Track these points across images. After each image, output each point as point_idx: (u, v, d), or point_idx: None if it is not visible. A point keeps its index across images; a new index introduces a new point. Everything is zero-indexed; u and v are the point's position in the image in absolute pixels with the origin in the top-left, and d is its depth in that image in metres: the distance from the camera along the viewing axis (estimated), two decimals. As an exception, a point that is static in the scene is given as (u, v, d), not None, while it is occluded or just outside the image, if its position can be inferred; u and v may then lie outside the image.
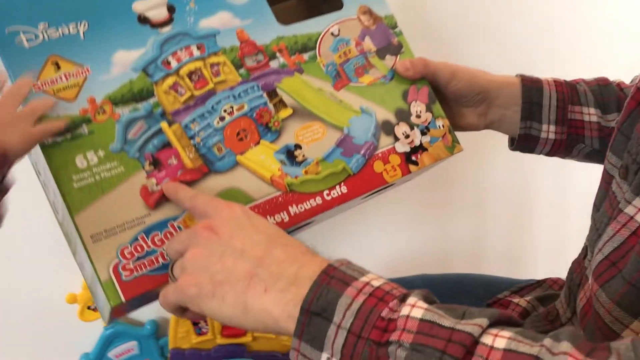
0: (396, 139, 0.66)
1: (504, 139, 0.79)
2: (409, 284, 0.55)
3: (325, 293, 0.41)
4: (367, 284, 0.42)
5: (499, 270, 0.84)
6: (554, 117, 0.71)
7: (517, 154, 0.77)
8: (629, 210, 0.50)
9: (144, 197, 0.55)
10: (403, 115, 0.67)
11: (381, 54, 0.70)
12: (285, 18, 0.66)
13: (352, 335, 0.40)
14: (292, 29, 0.66)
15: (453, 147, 0.69)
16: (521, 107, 0.72)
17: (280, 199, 0.59)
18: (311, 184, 0.61)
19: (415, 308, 0.39)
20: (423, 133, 0.68)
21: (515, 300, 0.71)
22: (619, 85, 0.74)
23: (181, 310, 0.49)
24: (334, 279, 0.42)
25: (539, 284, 0.74)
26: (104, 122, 0.56)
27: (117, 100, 0.57)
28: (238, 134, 0.60)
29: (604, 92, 0.72)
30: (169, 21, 0.62)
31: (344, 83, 0.66)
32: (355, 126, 0.65)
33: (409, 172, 0.65)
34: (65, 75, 0.57)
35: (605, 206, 0.56)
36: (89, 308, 1.17)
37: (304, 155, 0.61)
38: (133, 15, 0.60)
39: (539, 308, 0.68)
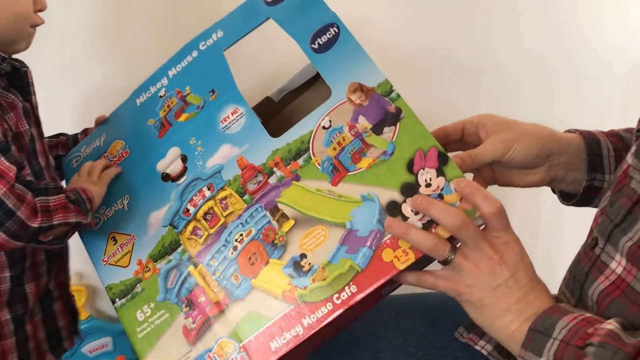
0: (405, 218, 0.64)
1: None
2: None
3: (548, 319, 0.58)
4: (582, 314, 0.57)
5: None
6: (614, 166, 0.74)
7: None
8: None
9: (185, 335, 0.68)
10: (410, 190, 0.65)
11: (378, 129, 0.67)
12: (278, 129, 0.70)
13: (563, 343, 0.56)
14: (285, 137, 0.69)
15: (474, 209, 0.64)
16: (586, 161, 0.74)
17: (293, 312, 0.65)
18: (319, 291, 0.65)
19: (610, 325, 0.55)
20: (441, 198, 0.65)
21: None
22: None
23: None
24: (557, 312, 0.58)
25: None
26: (150, 279, 0.70)
27: (156, 256, 0.70)
28: (249, 258, 0.68)
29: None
30: (184, 171, 0.72)
31: (341, 176, 0.67)
32: (358, 218, 0.66)
33: (423, 252, 0.64)
34: (120, 247, 0.72)
35: (622, 201, 0.61)
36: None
37: (310, 264, 0.66)
38: (158, 175, 0.72)
39: None
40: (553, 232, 1.35)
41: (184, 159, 0.72)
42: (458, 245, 0.63)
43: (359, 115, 0.68)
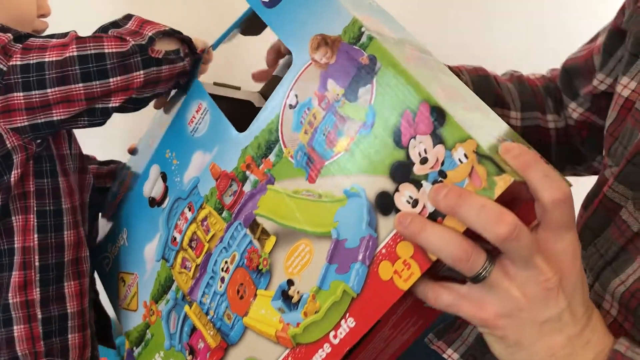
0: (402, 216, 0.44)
1: None
2: None
3: None
4: None
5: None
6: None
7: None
8: None
9: None
10: (402, 172, 0.44)
11: (352, 93, 0.47)
12: (242, 120, 0.54)
13: None
14: (253, 129, 0.53)
15: (492, 184, 0.41)
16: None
17: (289, 358, 0.49)
18: (314, 327, 0.48)
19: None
20: (444, 177, 0.43)
21: None
22: (496, 79, 0.74)
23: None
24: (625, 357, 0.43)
25: None
26: (156, 323, 0.60)
27: (156, 297, 0.60)
28: (238, 291, 0.53)
29: (482, 84, 0.72)
30: (166, 192, 0.60)
31: (318, 168, 0.49)
32: (344, 222, 0.47)
33: (431, 261, 0.43)
34: (128, 288, 0.63)
35: (612, 233, 0.55)
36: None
37: (298, 292, 0.49)
38: (146, 201, 0.61)
39: None
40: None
41: (164, 177, 0.60)
42: (496, 255, 0.42)
43: (327, 80, 0.49)
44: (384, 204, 0.45)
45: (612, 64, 0.67)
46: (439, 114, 0.43)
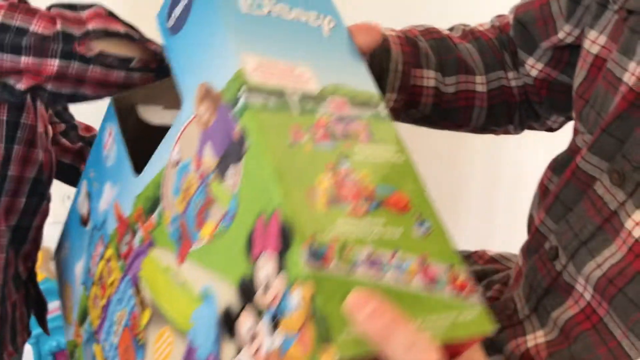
0: (239, 347, 0.34)
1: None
2: None
3: None
4: None
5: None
6: (399, 84, 0.61)
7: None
8: (629, 224, 0.47)
9: None
10: (247, 293, 0.34)
11: (222, 170, 0.36)
12: (141, 161, 0.45)
13: None
14: (145, 176, 0.44)
15: (315, 356, 0.29)
16: None
17: None
18: None
19: None
20: (274, 325, 0.32)
21: None
22: (452, 40, 0.66)
23: None
24: None
25: (465, 258, 0.68)
26: (81, 346, 0.56)
27: (79, 321, 0.55)
28: (125, 352, 0.47)
29: (442, 50, 0.64)
30: (89, 213, 0.54)
31: (186, 248, 0.39)
32: (198, 327, 0.38)
33: None
34: (67, 298, 0.59)
35: (587, 210, 0.51)
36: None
37: None
38: (79, 216, 0.56)
39: (487, 293, 0.62)
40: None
41: (89, 196, 0.54)
42: None
43: (205, 143, 0.38)
44: (229, 324, 0.35)
45: (579, 12, 0.59)
46: (289, 231, 0.32)
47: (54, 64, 0.51)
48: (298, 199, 0.32)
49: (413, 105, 0.64)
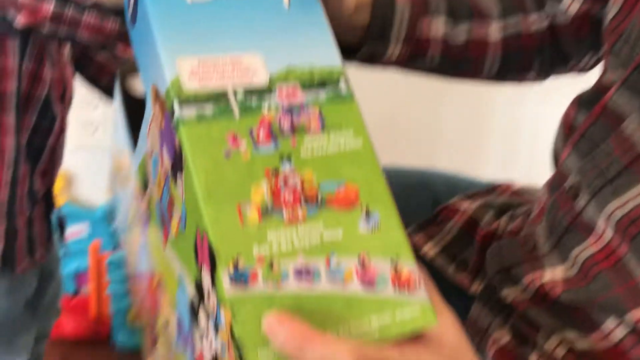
0: (201, 335, 0.38)
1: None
2: None
3: None
4: None
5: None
6: (404, 35, 0.59)
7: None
8: None
9: None
10: (200, 292, 0.37)
11: (174, 173, 0.38)
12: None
13: None
14: (138, 153, 0.47)
15: None
16: (369, 26, 0.58)
17: None
18: None
19: None
20: (216, 330, 0.35)
21: (464, 206, 0.67)
22: None
23: None
24: None
25: (488, 191, 0.71)
26: None
27: None
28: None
29: None
30: None
31: (166, 234, 0.42)
32: (180, 306, 0.42)
33: None
34: None
35: (614, 148, 0.50)
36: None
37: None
38: None
39: (509, 226, 0.63)
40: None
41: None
42: None
43: (162, 144, 0.40)
44: (194, 314, 0.39)
45: None
46: (214, 255, 0.34)
47: (49, 7, 0.54)
48: (226, 219, 0.34)
49: (419, 57, 0.62)
